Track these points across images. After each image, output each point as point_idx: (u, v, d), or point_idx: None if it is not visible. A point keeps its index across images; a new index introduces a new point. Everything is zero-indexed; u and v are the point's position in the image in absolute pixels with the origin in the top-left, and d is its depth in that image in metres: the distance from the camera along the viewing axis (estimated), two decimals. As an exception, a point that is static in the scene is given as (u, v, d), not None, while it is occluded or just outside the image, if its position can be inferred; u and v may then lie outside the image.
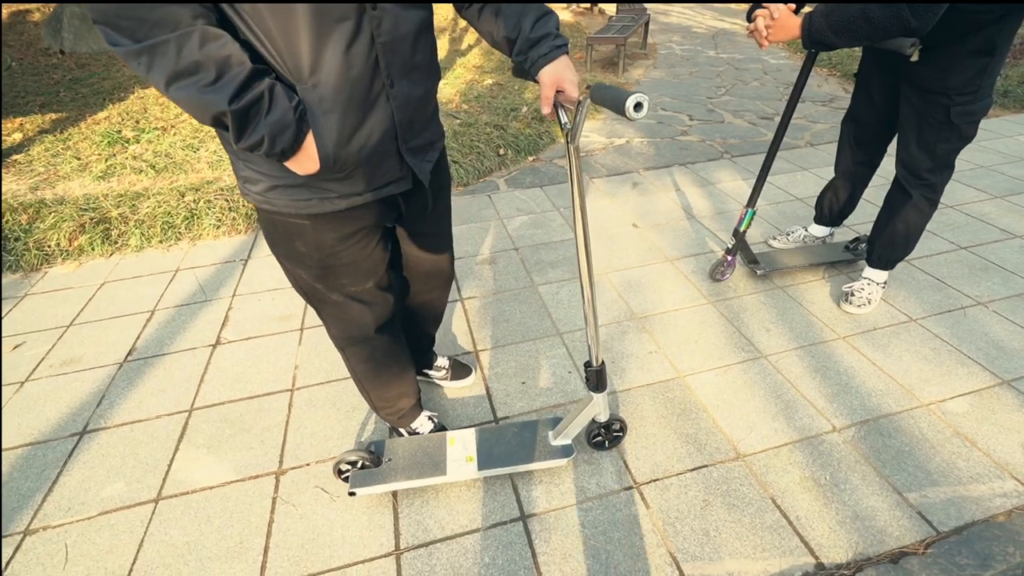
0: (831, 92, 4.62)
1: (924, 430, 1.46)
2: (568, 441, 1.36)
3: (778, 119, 3.92)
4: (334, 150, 0.82)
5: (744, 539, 1.22)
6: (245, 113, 0.71)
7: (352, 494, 1.26)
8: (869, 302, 1.88)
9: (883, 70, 1.71)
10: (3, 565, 1.24)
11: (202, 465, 1.46)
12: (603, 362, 1.26)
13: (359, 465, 1.30)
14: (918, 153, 1.65)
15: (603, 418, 1.36)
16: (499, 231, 2.57)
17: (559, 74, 0.94)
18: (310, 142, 0.80)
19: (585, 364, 1.27)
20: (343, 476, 1.31)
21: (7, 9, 5.79)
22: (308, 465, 1.45)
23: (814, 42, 1.45)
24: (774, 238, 2.34)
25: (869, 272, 1.92)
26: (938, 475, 1.34)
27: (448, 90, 4.52)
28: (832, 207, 2.13)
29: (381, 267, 1.09)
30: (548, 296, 2.08)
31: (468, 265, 2.31)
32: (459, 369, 1.67)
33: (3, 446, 1.55)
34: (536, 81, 0.97)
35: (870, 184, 2.03)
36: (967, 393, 1.56)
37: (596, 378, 1.26)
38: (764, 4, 1.53)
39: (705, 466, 1.39)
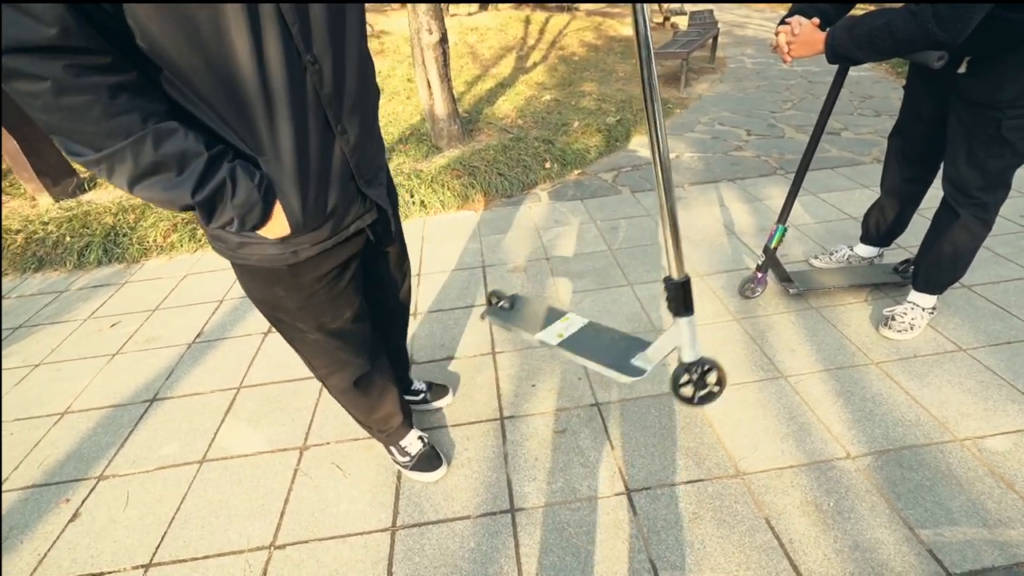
0: (914, 105, 4.28)
1: (953, 466, 1.35)
2: (647, 367, 1.15)
3: (846, 134, 3.71)
4: (302, 213, 0.85)
5: (730, 556, 1.21)
6: (211, 201, 0.74)
7: (483, 317, 1.45)
8: (912, 328, 1.76)
9: (930, 82, 1.62)
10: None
11: (241, 435, 1.66)
12: (687, 277, 0.99)
13: (499, 304, 1.44)
14: (967, 170, 1.54)
15: (689, 356, 1.07)
16: (534, 241, 2.66)
17: None
18: (279, 211, 0.82)
19: (664, 280, 1.03)
20: (491, 303, 1.48)
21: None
22: (328, 444, 1.60)
23: (838, 57, 1.42)
24: (816, 257, 2.23)
25: (914, 296, 1.79)
26: (960, 514, 1.24)
27: (506, 106, 4.70)
28: (879, 226, 2.01)
29: (356, 298, 1.10)
30: (571, 305, 2.12)
31: (499, 272, 2.41)
32: (438, 390, 1.69)
33: (90, 406, 1.84)
34: None
35: (927, 204, 1.90)
36: (1013, 431, 1.42)
37: (678, 296, 0.99)
38: (787, 20, 1.51)
39: (701, 480, 1.38)
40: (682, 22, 9.07)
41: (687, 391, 1.13)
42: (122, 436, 1.70)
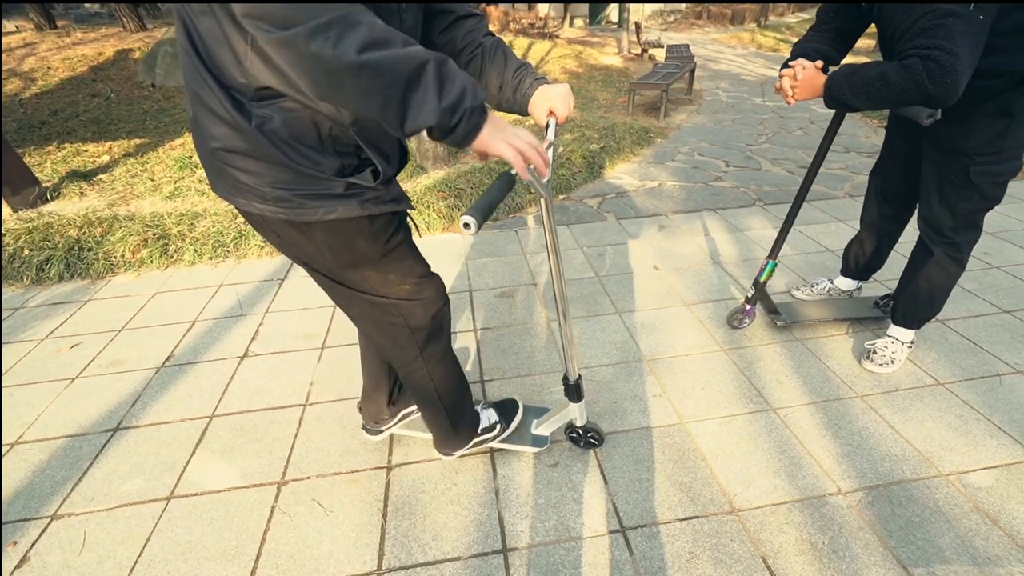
0: (879, 144, 4.50)
1: (940, 502, 1.37)
2: (546, 434, 1.55)
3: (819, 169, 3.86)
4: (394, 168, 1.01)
5: (728, 598, 1.18)
6: (444, 67, 0.74)
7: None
8: (892, 361, 1.80)
9: (907, 126, 1.70)
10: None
11: (214, 469, 1.56)
12: (579, 375, 1.41)
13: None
14: (939, 211, 1.61)
15: (580, 423, 1.51)
16: (521, 266, 2.64)
17: (545, 99, 1.05)
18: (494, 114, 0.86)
19: (563, 378, 1.41)
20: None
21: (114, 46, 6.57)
22: (309, 478, 1.52)
23: (835, 102, 1.46)
24: (797, 288, 2.28)
25: (894, 330, 1.84)
26: (951, 552, 1.25)
27: (490, 129, 4.73)
28: (858, 260, 2.08)
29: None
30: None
31: (486, 297, 2.38)
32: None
33: (44, 435, 1.71)
34: (529, 115, 1.08)
35: (904, 240, 1.98)
36: (993, 467, 1.46)
37: (573, 390, 1.42)
38: (790, 63, 1.56)
39: (696, 517, 1.36)
40: (659, 55, 9.41)
41: (576, 438, 1.56)
42: (80, 470, 1.58)
